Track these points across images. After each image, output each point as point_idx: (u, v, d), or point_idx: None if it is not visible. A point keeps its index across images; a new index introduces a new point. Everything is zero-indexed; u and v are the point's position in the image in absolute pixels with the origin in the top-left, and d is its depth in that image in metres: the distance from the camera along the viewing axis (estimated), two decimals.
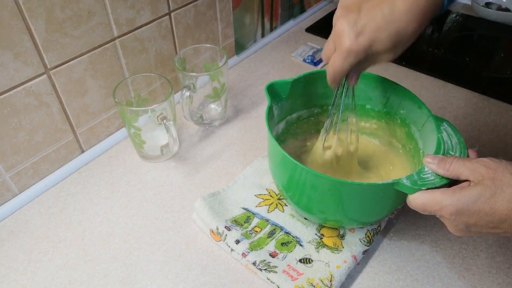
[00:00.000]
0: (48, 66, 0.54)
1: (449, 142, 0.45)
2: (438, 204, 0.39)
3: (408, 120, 0.55)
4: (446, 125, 0.47)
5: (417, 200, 0.41)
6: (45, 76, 0.54)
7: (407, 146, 0.57)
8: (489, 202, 0.37)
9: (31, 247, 0.53)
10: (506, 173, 0.37)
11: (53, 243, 0.53)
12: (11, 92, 0.52)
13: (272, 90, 0.54)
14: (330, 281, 0.47)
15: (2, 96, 0.51)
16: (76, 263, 0.51)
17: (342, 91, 0.49)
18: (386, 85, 0.55)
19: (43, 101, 0.55)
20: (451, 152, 0.44)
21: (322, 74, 0.57)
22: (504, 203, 0.36)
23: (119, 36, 0.61)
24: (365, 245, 0.51)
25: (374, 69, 0.83)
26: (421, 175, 0.42)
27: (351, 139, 0.54)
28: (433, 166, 0.42)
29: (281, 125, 0.59)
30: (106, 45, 0.60)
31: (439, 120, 0.48)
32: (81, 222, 0.56)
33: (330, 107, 0.53)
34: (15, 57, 0.50)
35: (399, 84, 0.54)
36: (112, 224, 0.55)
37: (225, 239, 0.52)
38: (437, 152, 0.44)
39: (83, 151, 0.64)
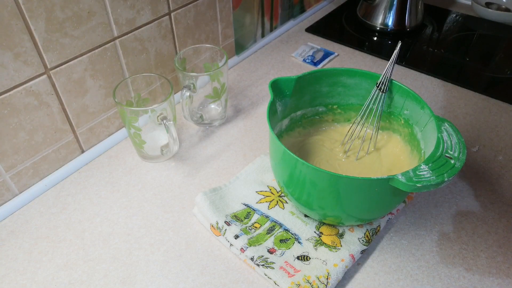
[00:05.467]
0: (48, 66, 0.54)
1: (449, 141, 0.46)
2: None
3: (411, 120, 0.55)
4: (447, 125, 0.48)
5: None
6: (45, 76, 0.54)
7: (410, 147, 0.57)
8: None
9: (31, 247, 0.53)
10: None
11: (53, 243, 0.53)
12: (11, 92, 0.52)
13: (276, 86, 0.54)
14: (327, 278, 0.47)
15: (2, 96, 0.51)
16: (76, 263, 0.51)
17: (377, 98, 0.53)
18: (391, 85, 0.55)
19: (43, 101, 0.55)
20: (450, 152, 0.44)
21: (327, 73, 0.57)
22: None
23: (119, 36, 0.61)
24: (364, 245, 0.51)
25: (374, 69, 0.83)
26: (417, 172, 0.42)
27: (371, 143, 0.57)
28: None
29: (285, 122, 0.59)
30: (106, 45, 0.60)
31: (440, 120, 0.48)
32: (81, 222, 0.56)
33: (360, 112, 0.57)
34: (15, 57, 0.50)
35: (402, 84, 0.54)
36: (112, 224, 0.55)
37: (224, 233, 0.52)
38: (435, 151, 0.45)
39: (83, 151, 0.64)
